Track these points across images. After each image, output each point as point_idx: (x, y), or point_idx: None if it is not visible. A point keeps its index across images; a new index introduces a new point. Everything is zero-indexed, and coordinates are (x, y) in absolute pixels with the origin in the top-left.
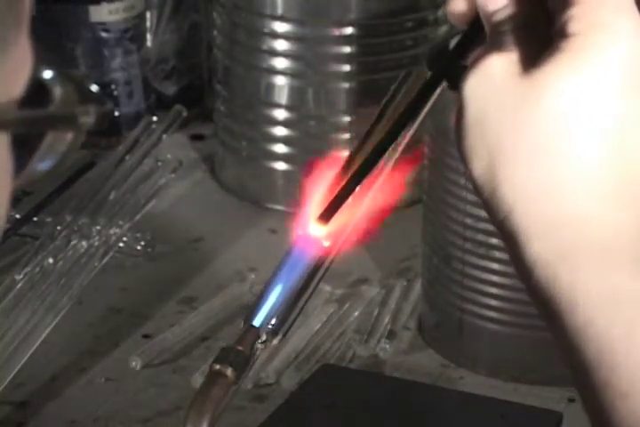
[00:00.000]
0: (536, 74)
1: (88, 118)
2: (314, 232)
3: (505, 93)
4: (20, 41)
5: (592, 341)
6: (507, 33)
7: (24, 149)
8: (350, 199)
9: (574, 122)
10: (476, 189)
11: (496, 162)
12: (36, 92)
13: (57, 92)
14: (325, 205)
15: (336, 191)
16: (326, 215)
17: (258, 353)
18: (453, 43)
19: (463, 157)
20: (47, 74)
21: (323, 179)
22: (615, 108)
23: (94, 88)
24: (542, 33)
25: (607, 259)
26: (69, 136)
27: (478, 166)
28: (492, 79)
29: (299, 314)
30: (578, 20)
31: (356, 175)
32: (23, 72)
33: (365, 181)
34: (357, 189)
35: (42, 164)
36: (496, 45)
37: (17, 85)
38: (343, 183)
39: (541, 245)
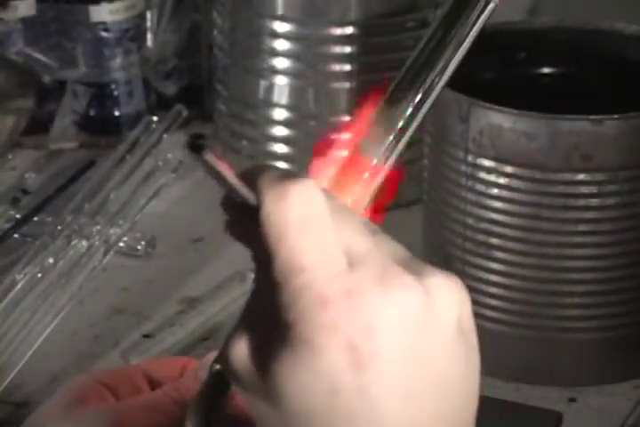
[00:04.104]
0: (267, 373)
1: (27, 101)
2: None
3: (251, 400)
4: None
5: None
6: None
7: None
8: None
9: (321, 420)
10: None
11: None
12: None
13: None
14: None
15: None
16: None
17: None
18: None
19: None
20: None
21: None
22: (349, 395)
23: (34, 72)
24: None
25: None
26: (10, 121)
27: None
28: (237, 377)
29: None
30: (285, 309)
31: None
32: None
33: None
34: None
35: None
36: (235, 330)
37: None
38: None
39: None
